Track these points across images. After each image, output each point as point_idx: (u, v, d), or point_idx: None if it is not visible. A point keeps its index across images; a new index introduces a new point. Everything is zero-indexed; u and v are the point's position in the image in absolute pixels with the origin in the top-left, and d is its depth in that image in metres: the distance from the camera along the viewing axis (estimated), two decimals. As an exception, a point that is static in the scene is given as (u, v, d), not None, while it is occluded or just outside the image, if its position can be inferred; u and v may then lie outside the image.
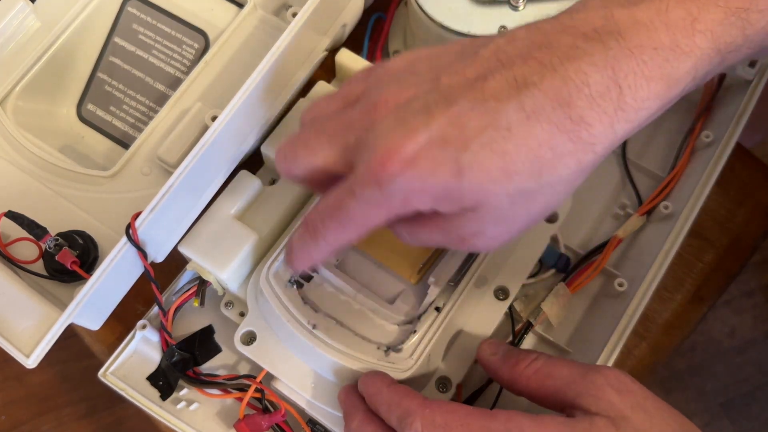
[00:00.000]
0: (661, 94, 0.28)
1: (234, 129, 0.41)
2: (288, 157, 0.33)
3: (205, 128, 0.42)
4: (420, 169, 0.28)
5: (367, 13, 0.49)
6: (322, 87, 0.45)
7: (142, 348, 0.42)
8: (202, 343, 0.42)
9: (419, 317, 0.39)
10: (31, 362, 0.37)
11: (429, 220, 0.31)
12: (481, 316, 0.40)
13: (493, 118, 0.28)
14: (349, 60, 0.46)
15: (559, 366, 0.33)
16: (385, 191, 0.29)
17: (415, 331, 0.39)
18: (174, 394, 0.41)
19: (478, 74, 0.29)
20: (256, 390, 0.39)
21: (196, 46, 0.48)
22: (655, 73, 0.28)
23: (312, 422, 0.40)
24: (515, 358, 0.35)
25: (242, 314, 0.42)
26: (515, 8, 0.46)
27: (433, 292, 0.39)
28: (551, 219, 0.43)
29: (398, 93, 0.30)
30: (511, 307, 0.44)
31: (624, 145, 0.49)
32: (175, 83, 0.48)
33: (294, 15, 0.44)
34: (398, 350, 0.38)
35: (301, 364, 0.39)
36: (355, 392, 0.36)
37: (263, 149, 0.43)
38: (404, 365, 0.37)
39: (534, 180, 0.28)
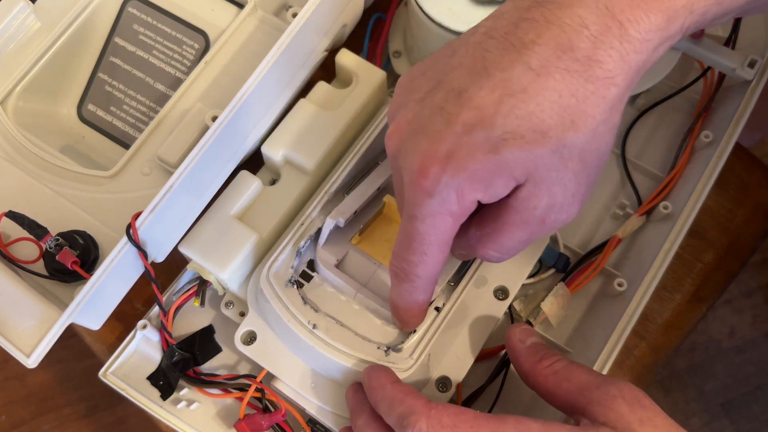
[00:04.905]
0: (662, 27, 0.29)
1: (234, 129, 0.41)
2: None
3: (206, 128, 0.42)
4: (458, 160, 0.29)
5: (367, 13, 0.49)
6: (322, 87, 0.45)
7: (143, 348, 0.43)
8: (203, 343, 0.42)
9: (419, 317, 0.39)
10: (31, 362, 0.37)
11: (502, 223, 0.31)
12: (481, 316, 0.40)
13: (505, 87, 0.28)
14: (349, 60, 0.46)
15: (579, 372, 0.33)
16: (437, 196, 0.30)
17: (414, 331, 0.39)
18: (174, 394, 0.41)
19: (475, 57, 0.29)
20: (257, 390, 0.39)
21: (196, 46, 0.48)
22: (651, 5, 0.28)
23: (312, 422, 0.40)
24: (540, 354, 0.35)
25: (242, 314, 0.42)
26: (515, 8, 0.46)
27: (433, 291, 0.39)
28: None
29: (407, 114, 0.31)
30: (510, 307, 0.44)
31: (623, 145, 0.49)
32: (175, 83, 0.48)
33: (294, 15, 0.44)
34: (398, 350, 0.38)
35: (301, 364, 0.39)
36: (362, 390, 0.36)
37: (263, 149, 0.43)
38: (404, 365, 0.37)
39: (571, 130, 0.29)
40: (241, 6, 0.48)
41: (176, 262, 0.43)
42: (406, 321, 0.37)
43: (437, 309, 0.39)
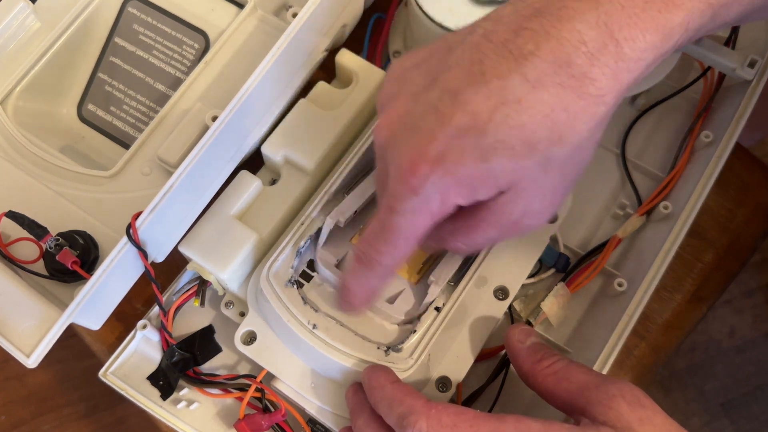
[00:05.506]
0: (657, 45, 0.29)
1: (234, 129, 0.41)
2: None
3: (206, 128, 0.42)
4: (447, 163, 0.29)
5: (367, 13, 0.49)
6: (322, 87, 0.45)
7: (143, 348, 0.43)
8: (203, 343, 0.42)
9: (419, 317, 0.39)
10: (31, 362, 0.37)
11: (477, 221, 0.32)
12: (481, 316, 0.40)
13: (501, 95, 0.28)
14: (349, 60, 0.46)
15: (578, 371, 0.33)
16: (422, 195, 0.30)
17: (414, 331, 0.39)
18: (174, 394, 0.41)
19: (472, 60, 0.29)
20: (257, 390, 0.39)
21: (196, 46, 0.48)
22: (648, 24, 0.28)
23: (312, 422, 0.40)
24: (539, 354, 0.35)
25: (242, 314, 0.42)
26: (515, 8, 0.46)
27: (433, 292, 0.39)
28: (551, 219, 0.43)
29: (399, 107, 0.31)
30: (510, 307, 0.44)
31: (623, 145, 0.49)
32: (175, 83, 0.48)
33: (294, 15, 0.44)
34: (398, 350, 0.38)
35: (301, 364, 0.39)
36: (362, 390, 0.36)
37: (263, 149, 0.43)
38: (404, 365, 0.37)
39: (557, 144, 0.29)
40: (241, 6, 0.48)
41: (176, 262, 0.43)
42: (351, 303, 0.37)
43: (437, 309, 0.39)
